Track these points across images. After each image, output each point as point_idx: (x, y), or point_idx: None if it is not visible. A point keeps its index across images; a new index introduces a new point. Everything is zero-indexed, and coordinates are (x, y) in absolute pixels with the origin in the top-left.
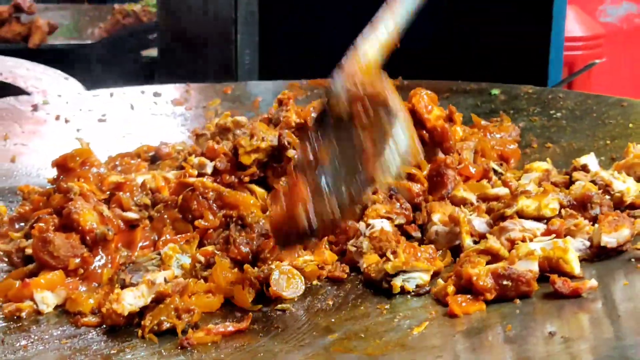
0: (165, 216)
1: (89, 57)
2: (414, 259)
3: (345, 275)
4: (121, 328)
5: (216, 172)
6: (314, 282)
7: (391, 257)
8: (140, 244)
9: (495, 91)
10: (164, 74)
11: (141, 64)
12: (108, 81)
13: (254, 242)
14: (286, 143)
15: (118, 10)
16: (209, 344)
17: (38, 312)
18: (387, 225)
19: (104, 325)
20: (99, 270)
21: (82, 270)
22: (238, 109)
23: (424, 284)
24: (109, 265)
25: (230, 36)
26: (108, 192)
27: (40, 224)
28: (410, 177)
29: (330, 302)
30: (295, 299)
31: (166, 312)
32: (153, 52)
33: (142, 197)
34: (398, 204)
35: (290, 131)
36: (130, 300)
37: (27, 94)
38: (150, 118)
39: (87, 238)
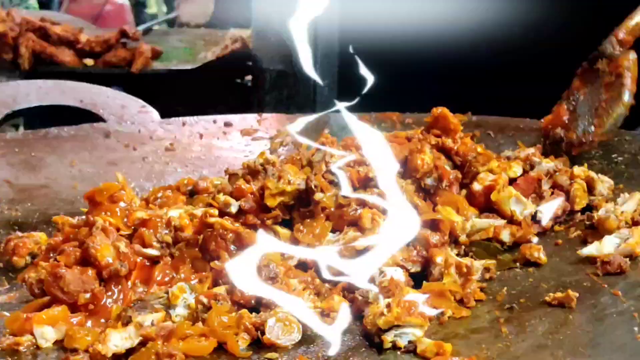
0: (186, 255)
1: (188, 82)
2: (407, 313)
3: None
4: None
5: (242, 212)
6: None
7: (385, 310)
8: (158, 281)
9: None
10: (255, 102)
11: (238, 90)
12: (203, 106)
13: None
14: (313, 187)
15: (230, 35)
16: None
17: (38, 347)
18: (400, 274)
19: None
20: (110, 306)
21: (92, 306)
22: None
23: (416, 340)
24: (120, 302)
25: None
26: (133, 227)
27: (52, 259)
28: (434, 226)
29: (320, 355)
30: (290, 347)
31: (147, 356)
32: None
33: (163, 235)
34: (415, 251)
35: (320, 174)
36: (117, 341)
37: (104, 120)
38: (217, 148)
39: (103, 273)
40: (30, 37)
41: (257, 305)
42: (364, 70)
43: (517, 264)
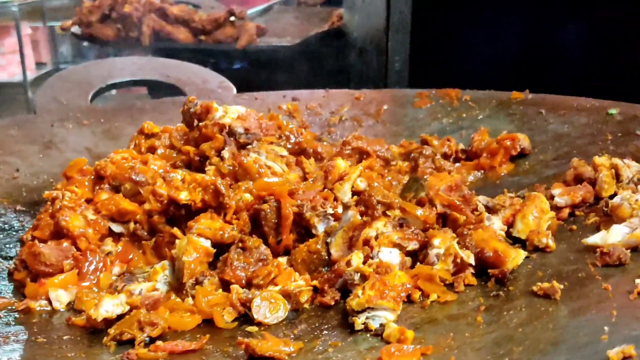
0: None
1: (288, 58)
2: (379, 296)
3: (333, 302)
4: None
5: None
6: (306, 306)
7: (359, 293)
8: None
9: (613, 111)
10: (345, 79)
11: (334, 66)
12: (298, 82)
13: (250, 267)
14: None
15: (337, 12)
16: None
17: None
18: (394, 256)
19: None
20: (93, 275)
21: (77, 270)
22: (361, 116)
23: (387, 323)
24: (102, 268)
25: (382, 43)
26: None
27: (30, 239)
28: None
29: (296, 331)
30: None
31: (129, 323)
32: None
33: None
34: (409, 230)
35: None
36: (108, 307)
37: (185, 95)
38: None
39: (78, 242)
40: (151, 17)
41: (247, 286)
42: (435, 47)
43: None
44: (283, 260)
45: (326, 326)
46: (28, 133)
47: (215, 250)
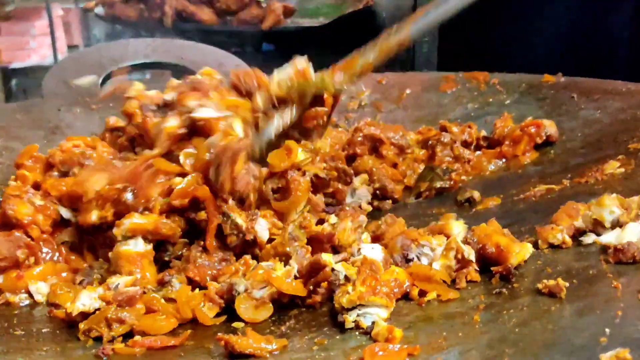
0: None
1: (316, 40)
2: (371, 293)
3: (318, 301)
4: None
5: None
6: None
7: (350, 289)
8: None
9: None
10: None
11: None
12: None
13: (215, 265)
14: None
15: None
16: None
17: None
18: (377, 252)
19: None
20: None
21: (33, 259)
22: (382, 101)
23: (382, 320)
24: (60, 258)
25: None
26: None
27: None
28: None
29: (283, 328)
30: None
31: (97, 320)
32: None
33: None
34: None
35: None
36: (85, 300)
37: None
38: None
39: (29, 231)
40: None
41: (215, 280)
42: (466, 29)
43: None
44: (248, 256)
45: (315, 323)
46: (34, 118)
47: (151, 248)
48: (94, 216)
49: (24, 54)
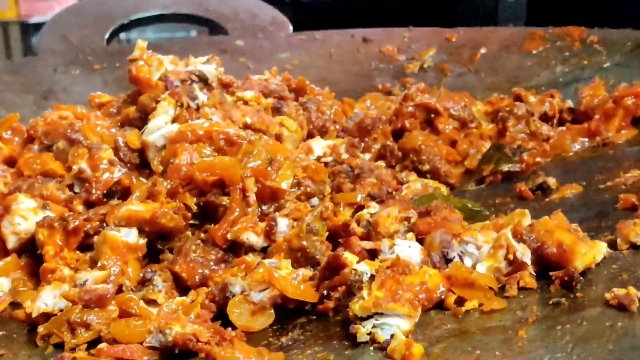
0: None
1: None
2: (390, 299)
3: (332, 305)
4: None
5: None
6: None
7: (365, 294)
8: None
9: None
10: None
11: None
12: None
13: (210, 265)
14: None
15: None
16: None
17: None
18: (415, 251)
19: None
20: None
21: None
22: (450, 63)
23: (402, 333)
24: None
25: None
26: None
27: None
28: None
29: (284, 340)
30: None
31: (58, 324)
32: None
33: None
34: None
35: None
36: (48, 299)
37: (226, 33)
38: (344, 71)
39: None
40: None
41: (203, 284)
42: None
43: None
44: (251, 258)
45: (324, 335)
46: (25, 80)
47: (144, 243)
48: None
49: (45, 6)
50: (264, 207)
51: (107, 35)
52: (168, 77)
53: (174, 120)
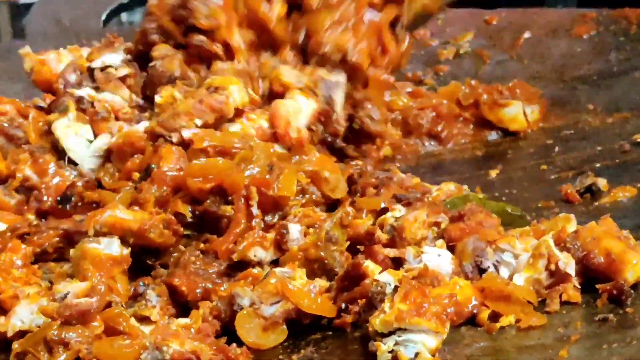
0: None
1: None
2: (414, 313)
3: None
4: None
5: None
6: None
7: (387, 307)
8: None
9: None
10: None
11: None
12: None
13: (213, 277)
14: None
15: None
16: None
17: None
18: (446, 260)
19: None
20: None
21: None
22: (489, 48)
23: (428, 351)
24: None
25: None
26: None
27: None
28: None
29: (295, 358)
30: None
31: (33, 342)
32: None
33: None
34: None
35: None
36: (24, 315)
37: None
38: None
39: None
40: None
41: (205, 298)
42: None
43: None
44: (257, 271)
45: (340, 352)
46: (12, 66)
47: (128, 254)
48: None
49: None
50: (266, 218)
51: (103, 17)
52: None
53: None
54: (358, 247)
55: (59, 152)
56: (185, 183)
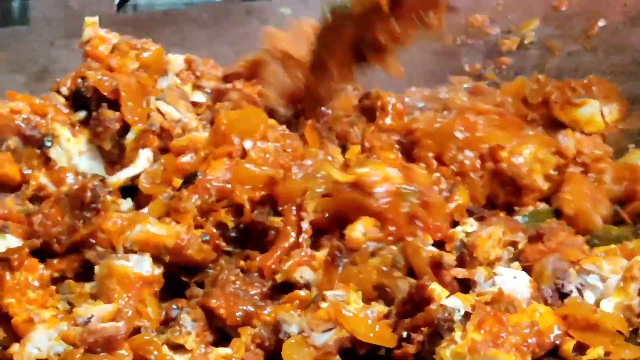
0: None
1: None
2: (491, 344)
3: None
4: None
5: None
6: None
7: (457, 336)
8: None
9: None
10: None
11: None
12: None
13: (256, 300)
14: None
15: None
16: None
17: None
18: (522, 283)
19: None
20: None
21: None
22: (558, 38)
23: None
24: None
25: None
26: None
27: None
28: None
29: None
30: None
31: None
32: None
33: None
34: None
35: None
36: (41, 342)
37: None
38: (426, 44)
39: None
40: None
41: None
42: None
43: None
44: (305, 293)
45: None
46: (14, 56)
47: (160, 274)
48: None
49: None
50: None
51: (117, 0)
52: None
53: None
54: None
55: None
56: (229, 193)
